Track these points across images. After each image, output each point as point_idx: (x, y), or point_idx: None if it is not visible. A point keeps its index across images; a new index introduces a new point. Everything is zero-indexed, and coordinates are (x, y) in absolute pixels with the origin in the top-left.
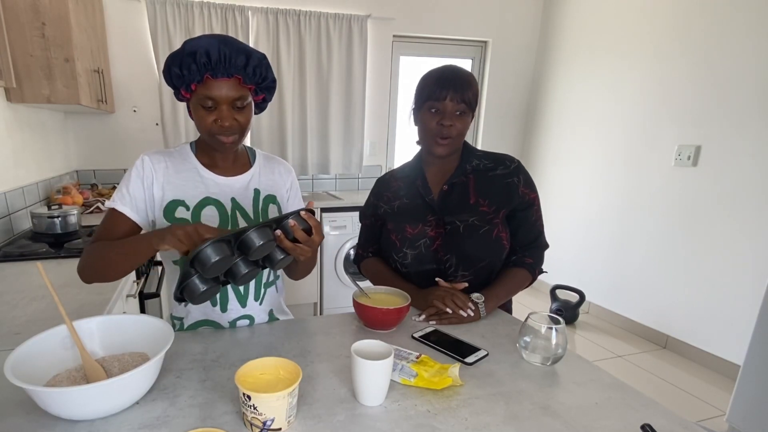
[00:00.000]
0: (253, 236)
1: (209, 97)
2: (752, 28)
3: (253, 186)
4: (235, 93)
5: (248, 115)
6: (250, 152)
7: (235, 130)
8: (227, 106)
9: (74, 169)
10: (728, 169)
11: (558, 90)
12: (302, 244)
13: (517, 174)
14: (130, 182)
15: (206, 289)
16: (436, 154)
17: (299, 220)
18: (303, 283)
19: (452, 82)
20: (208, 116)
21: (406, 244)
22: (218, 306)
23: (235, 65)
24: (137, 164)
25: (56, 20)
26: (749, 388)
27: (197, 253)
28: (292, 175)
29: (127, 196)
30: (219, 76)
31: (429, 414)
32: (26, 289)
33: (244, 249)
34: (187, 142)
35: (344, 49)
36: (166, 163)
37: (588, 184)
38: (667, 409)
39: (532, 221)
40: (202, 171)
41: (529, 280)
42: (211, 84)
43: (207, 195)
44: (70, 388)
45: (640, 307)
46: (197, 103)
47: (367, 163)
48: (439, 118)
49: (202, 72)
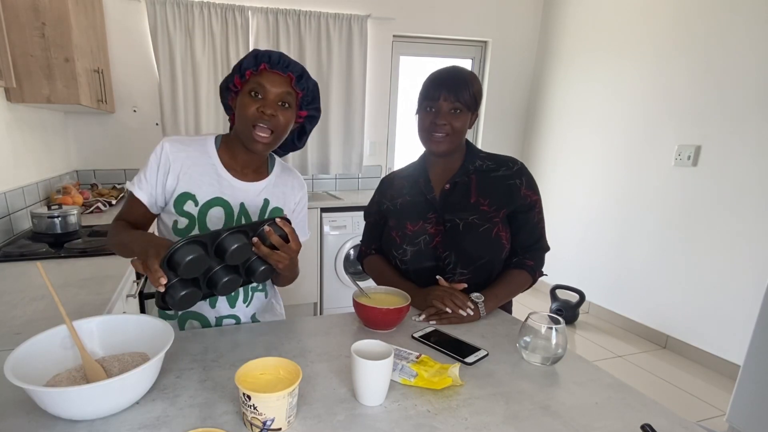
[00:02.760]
0: (228, 239)
1: (260, 84)
2: (752, 28)
3: (265, 195)
4: (284, 89)
5: (289, 118)
6: (270, 160)
7: (274, 124)
8: (273, 99)
9: (74, 169)
10: (728, 169)
11: (558, 90)
12: (279, 250)
13: (520, 176)
14: (148, 168)
15: (186, 293)
16: (432, 151)
17: (275, 227)
18: (303, 283)
19: (446, 83)
20: (253, 103)
21: (406, 240)
22: (208, 301)
23: (291, 67)
24: (156, 150)
25: (56, 20)
26: (749, 388)
27: (172, 253)
28: (303, 191)
29: (144, 182)
30: (275, 68)
31: (429, 414)
32: (26, 289)
33: (220, 252)
34: (212, 134)
35: (344, 49)
36: (186, 152)
37: (588, 184)
38: (667, 409)
39: (534, 223)
40: (220, 169)
41: (529, 283)
42: (265, 74)
43: (219, 195)
44: (70, 388)
45: (640, 307)
46: (247, 91)
47: (367, 163)
48: (433, 116)
49: (260, 62)
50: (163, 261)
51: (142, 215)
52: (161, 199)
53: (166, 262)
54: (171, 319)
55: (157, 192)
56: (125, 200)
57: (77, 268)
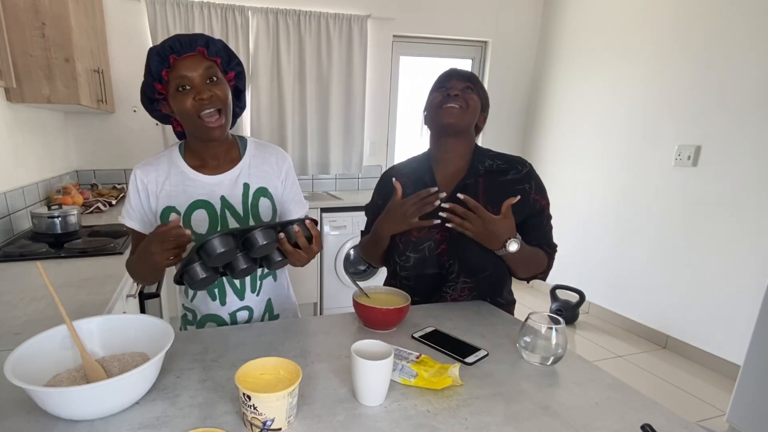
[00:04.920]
0: (258, 235)
1: (181, 76)
2: (752, 28)
3: (242, 180)
4: (204, 66)
5: (224, 89)
6: (241, 143)
7: (216, 103)
8: (201, 81)
9: (74, 169)
10: (728, 169)
11: (558, 90)
12: (301, 250)
13: (529, 180)
14: (130, 197)
15: (205, 276)
16: (442, 123)
17: (303, 227)
18: (303, 283)
19: (457, 72)
20: (186, 98)
21: (410, 247)
22: (217, 300)
23: (195, 41)
24: (131, 179)
25: (56, 20)
26: (749, 388)
27: (205, 243)
28: (287, 163)
29: (131, 211)
30: (183, 53)
31: (429, 414)
32: (26, 289)
33: (248, 245)
34: (176, 144)
35: (344, 49)
36: (155, 172)
37: (588, 184)
38: (667, 409)
39: (542, 226)
40: (189, 173)
41: (544, 266)
42: (179, 64)
43: (196, 198)
44: (70, 388)
45: (640, 307)
46: (174, 91)
47: (367, 163)
48: (447, 92)
49: (167, 56)
50: (194, 249)
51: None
52: (153, 222)
53: (197, 249)
54: (191, 324)
55: (149, 217)
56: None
57: (77, 268)
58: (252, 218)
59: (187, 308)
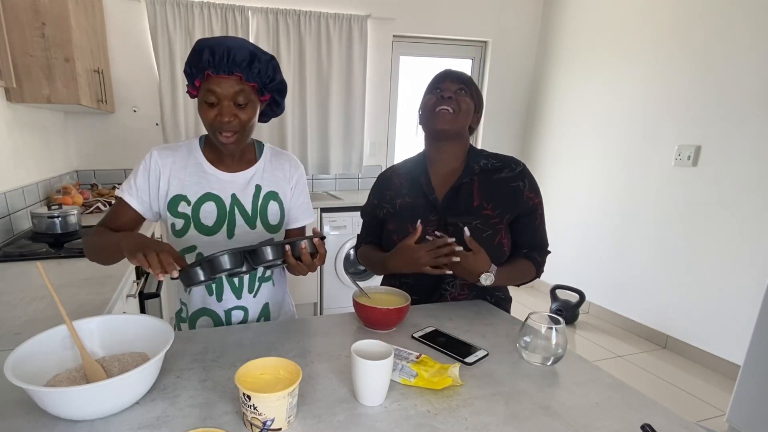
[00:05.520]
0: (267, 251)
1: (211, 91)
2: (752, 28)
3: (255, 182)
4: (235, 89)
5: (250, 114)
6: (258, 147)
7: (235, 126)
8: (228, 102)
9: (74, 169)
10: (728, 169)
11: (558, 90)
12: (303, 263)
13: (523, 178)
14: (138, 175)
15: (203, 280)
16: (435, 128)
17: (311, 244)
18: (303, 283)
19: (451, 73)
20: (210, 112)
21: None
22: (214, 295)
23: (235, 63)
24: (146, 158)
25: (56, 20)
26: (749, 388)
27: (215, 257)
28: (299, 172)
29: (134, 188)
30: (219, 73)
31: (429, 414)
32: (26, 289)
33: (254, 257)
34: (197, 136)
35: (344, 49)
36: (173, 157)
37: (588, 184)
38: (667, 409)
39: (536, 224)
40: (205, 166)
41: (532, 276)
42: (211, 80)
43: (208, 191)
44: (70, 388)
45: (640, 307)
46: (202, 99)
47: (367, 163)
48: (440, 94)
49: (204, 69)
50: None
51: (130, 220)
52: (156, 204)
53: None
54: (183, 322)
55: (150, 197)
56: (111, 207)
57: (77, 268)
58: (259, 218)
59: (183, 302)
